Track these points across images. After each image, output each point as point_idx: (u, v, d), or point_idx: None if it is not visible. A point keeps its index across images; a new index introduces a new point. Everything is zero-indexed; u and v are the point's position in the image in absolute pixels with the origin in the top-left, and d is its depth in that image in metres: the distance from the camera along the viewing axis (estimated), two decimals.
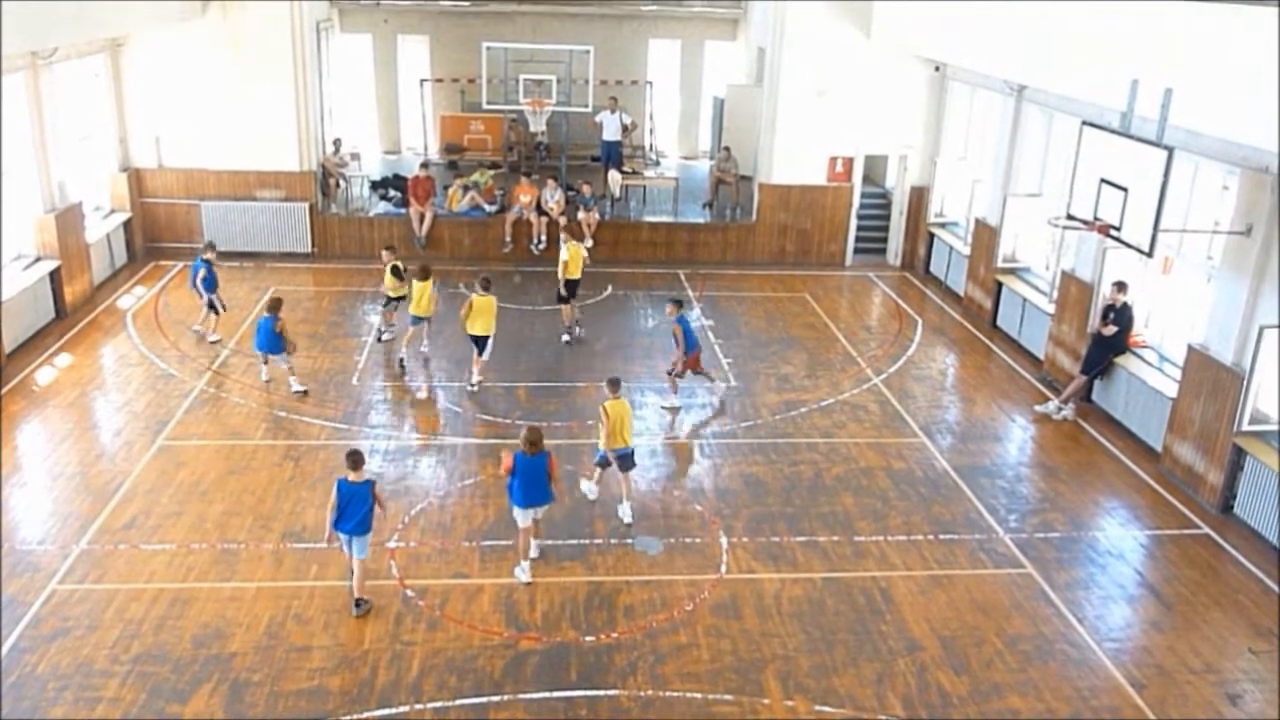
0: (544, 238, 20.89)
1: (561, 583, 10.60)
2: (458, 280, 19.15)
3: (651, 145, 27.69)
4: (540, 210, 20.94)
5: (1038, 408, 15.10)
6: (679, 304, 14.54)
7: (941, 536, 11.76)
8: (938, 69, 20.84)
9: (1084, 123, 13.28)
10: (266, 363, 15.06)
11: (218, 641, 9.49)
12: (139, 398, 14.47)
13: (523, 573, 10.62)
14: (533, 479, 10.39)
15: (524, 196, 20.91)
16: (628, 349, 17.13)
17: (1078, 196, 13.13)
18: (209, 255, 16.48)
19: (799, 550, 11.37)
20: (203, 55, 19.92)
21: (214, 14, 19.74)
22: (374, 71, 27.56)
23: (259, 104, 20.20)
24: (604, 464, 12.02)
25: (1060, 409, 14.89)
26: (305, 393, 14.69)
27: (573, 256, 16.85)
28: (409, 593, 10.32)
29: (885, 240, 22.39)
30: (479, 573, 10.72)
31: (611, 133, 23.44)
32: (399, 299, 16.52)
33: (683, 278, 20.66)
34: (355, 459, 9.91)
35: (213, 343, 16.28)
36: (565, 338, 17.09)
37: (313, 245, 20.85)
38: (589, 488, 12.23)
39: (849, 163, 21.54)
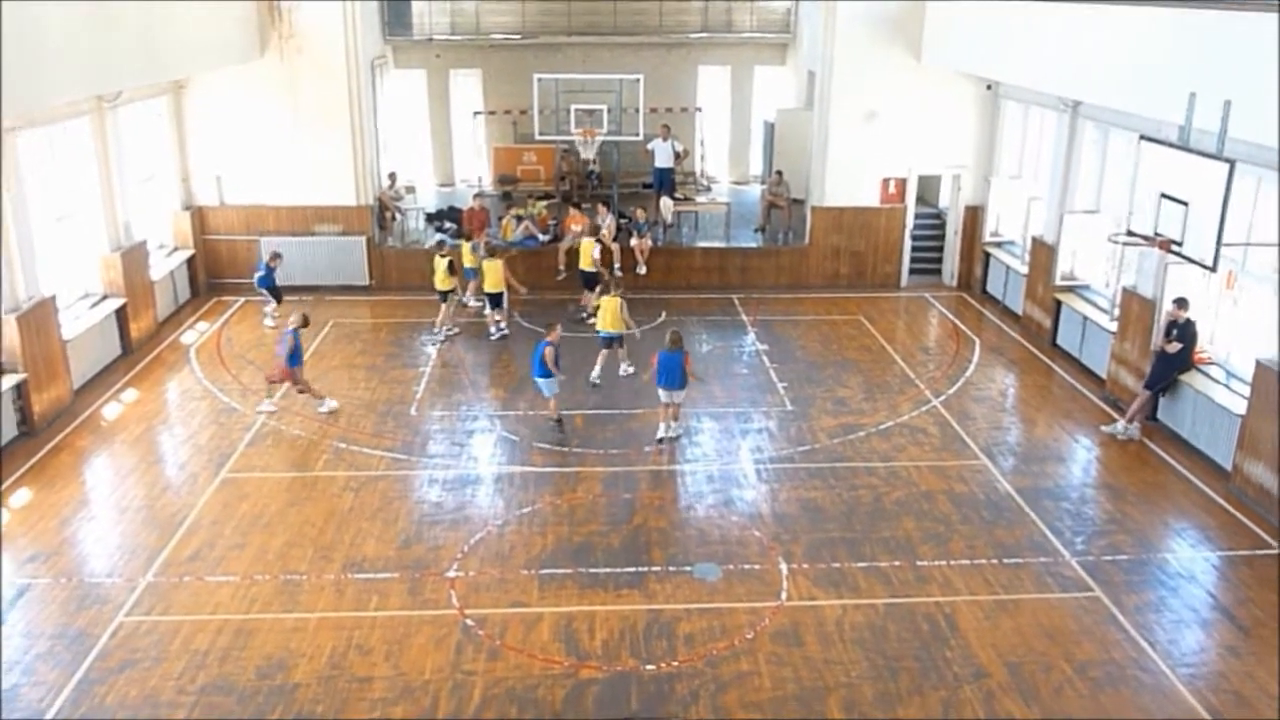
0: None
1: (621, 611, 10.53)
2: (513, 307, 19.23)
3: (703, 171, 27.71)
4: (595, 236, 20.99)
5: (1104, 429, 14.76)
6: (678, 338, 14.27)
7: (1006, 560, 11.51)
8: (989, 87, 20.63)
9: (1142, 137, 13.02)
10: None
11: (281, 672, 9.55)
12: (202, 431, 14.70)
13: (663, 429, 14.08)
14: (669, 369, 13.76)
15: (575, 225, 21.02)
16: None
17: (1137, 212, 12.86)
18: (273, 262, 18.54)
19: (860, 576, 11.19)
20: (261, 95, 20.35)
21: (272, 55, 20.17)
22: (428, 105, 27.95)
23: (316, 141, 20.57)
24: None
25: (1126, 428, 14.54)
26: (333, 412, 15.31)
27: (583, 249, 18.84)
28: (469, 622, 10.32)
29: (940, 261, 22.14)
30: (538, 601, 10.69)
31: (663, 160, 23.51)
32: (449, 292, 18.35)
33: (736, 302, 20.59)
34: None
35: (271, 328, 18.29)
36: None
37: (370, 278, 21.12)
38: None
39: (902, 184, 21.37)
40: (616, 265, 20.26)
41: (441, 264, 18.16)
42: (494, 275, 18.12)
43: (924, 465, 13.81)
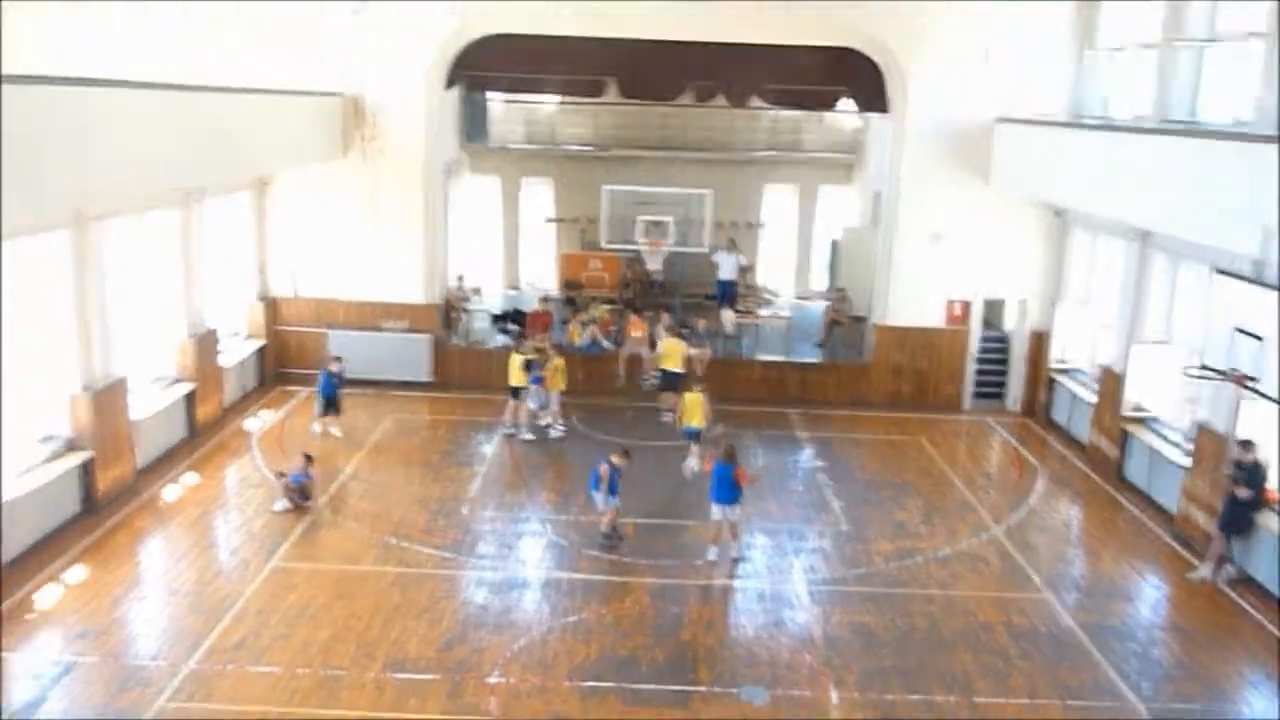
0: (657, 373, 20.97)
1: None
2: (569, 412, 19.26)
3: (765, 285, 27.86)
4: (653, 346, 21.09)
5: (1189, 575, 14.11)
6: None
7: (1069, 702, 10.99)
8: (1058, 214, 20.59)
9: (1215, 270, 12.85)
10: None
11: None
12: (256, 519, 14.78)
13: (713, 552, 13.76)
14: (721, 481, 13.47)
15: (635, 333, 21.15)
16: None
17: (1210, 345, 12.61)
18: (333, 367, 18.17)
19: (914, 709, 10.75)
20: (340, 192, 20.96)
21: (353, 155, 20.85)
22: (500, 210, 28.61)
23: (389, 239, 21.08)
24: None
25: (1216, 572, 13.88)
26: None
27: (669, 350, 19.00)
28: None
29: (1004, 385, 21.81)
30: (579, 713, 10.41)
31: (727, 272, 23.73)
32: (521, 388, 18.23)
33: (793, 417, 20.41)
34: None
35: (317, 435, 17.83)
36: (665, 418, 18.91)
37: (433, 374, 21.35)
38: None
39: (966, 306, 21.25)
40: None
41: (517, 360, 18.23)
42: (557, 375, 18.38)
43: (983, 595, 13.37)
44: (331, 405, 18.16)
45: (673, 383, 18.82)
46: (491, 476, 16.82)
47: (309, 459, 15.54)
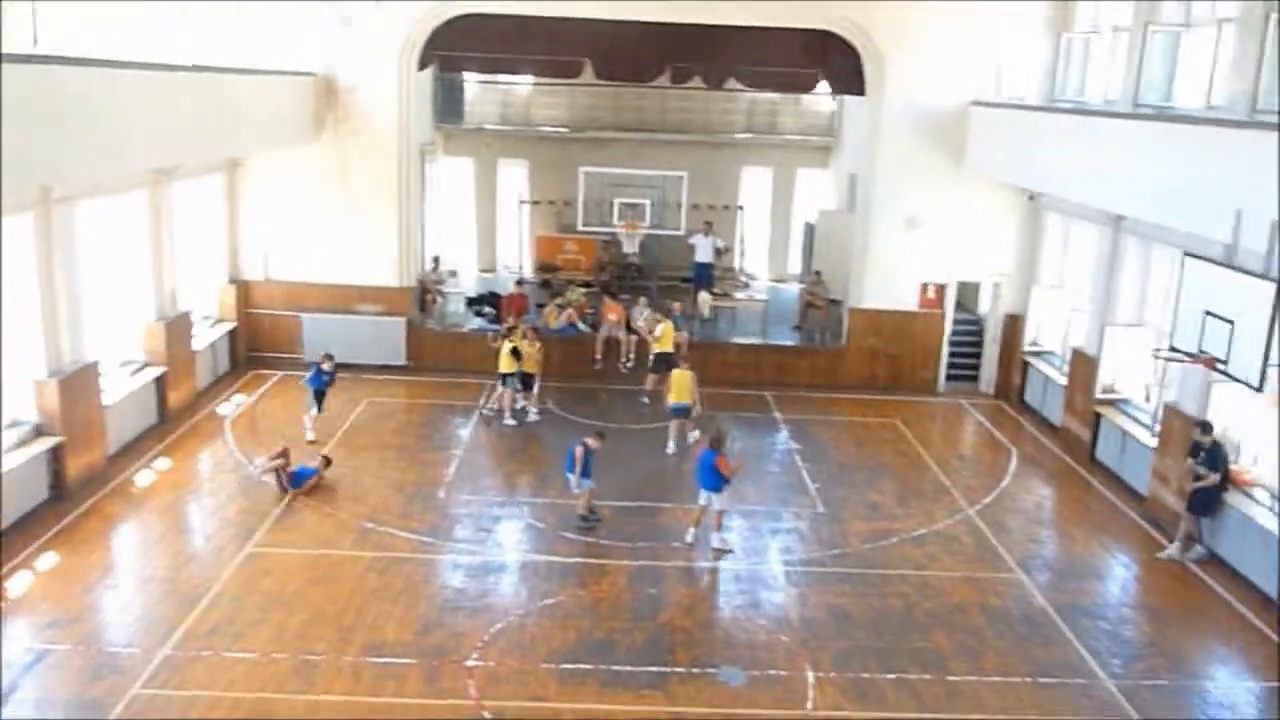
0: (633, 356, 21.02)
1: (641, 712, 10.26)
2: (545, 396, 19.22)
3: (742, 268, 27.93)
4: (630, 329, 21.11)
5: (1159, 555, 14.30)
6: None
7: (1041, 680, 11.14)
8: (1031, 198, 20.72)
9: (1185, 254, 12.99)
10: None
11: None
12: (230, 504, 14.70)
13: (690, 534, 13.83)
14: (703, 466, 13.51)
15: (612, 315, 21.15)
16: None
17: (1181, 328, 12.75)
18: (325, 365, 17.33)
19: (889, 688, 10.86)
20: (313, 174, 20.79)
21: (326, 137, 20.68)
22: (474, 192, 28.47)
23: (363, 222, 20.95)
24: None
25: (1185, 552, 14.08)
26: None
27: (665, 332, 19.06)
28: (486, 715, 10.09)
29: (978, 368, 21.97)
30: (557, 697, 10.45)
31: (703, 255, 23.76)
32: (510, 375, 18.09)
33: (770, 400, 20.50)
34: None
35: (309, 442, 16.65)
36: (643, 399, 19.13)
37: (408, 358, 21.26)
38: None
39: (941, 289, 21.37)
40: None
41: (505, 347, 18.17)
42: (532, 359, 18.34)
43: (957, 576, 13.51)
44: (319, 402, 17.34)
45: (665, 364, 18.83)
46: (468, 460, 16.80)
47: (327, 462, 15.64)
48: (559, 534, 14.17)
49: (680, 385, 17.24)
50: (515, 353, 18.06)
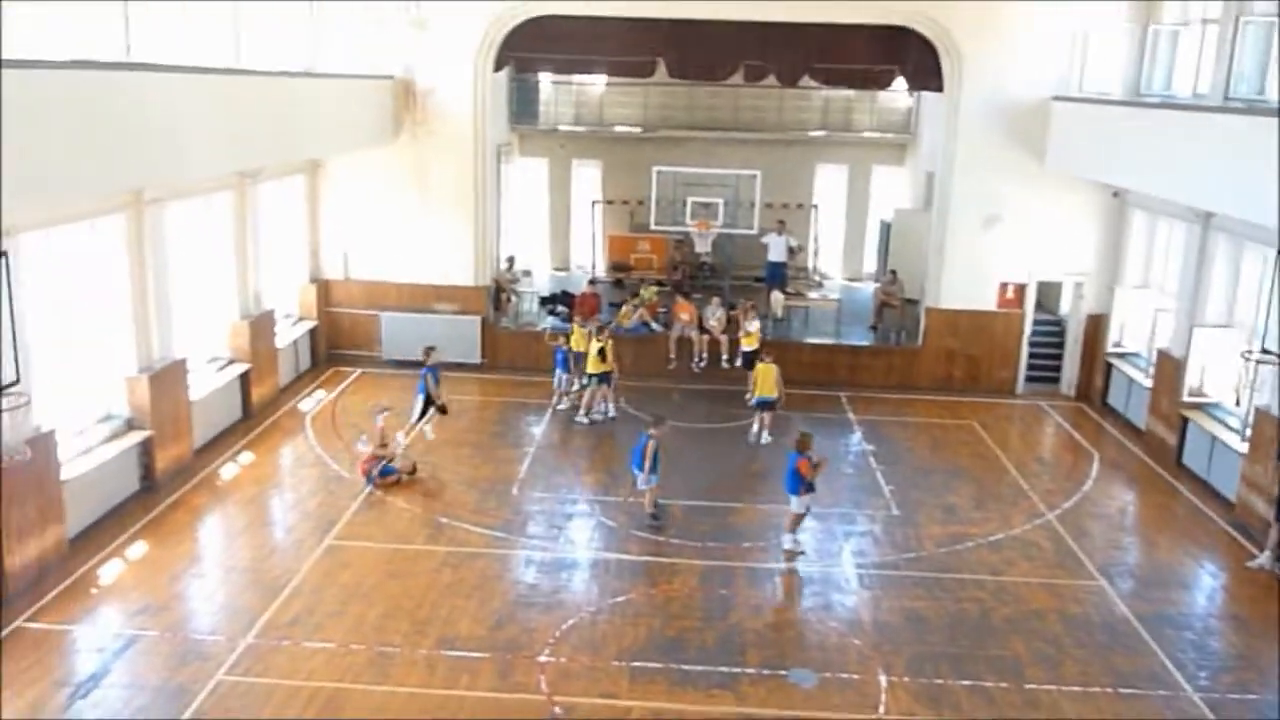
0: (705, 356, 21.00)
1: (711, 712, 10.28)
2: (620, 394, 19.29)
3: (815, 267, 27.73)
4: (702, 329, 21.10)
5: (1249, 564, 13.87)
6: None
7: (1122, 690, 10.90)
8: (1116, 195, 20.23)
9: (1279, 252, 12.58)
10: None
11: None
12: (311, 498, 15.04)
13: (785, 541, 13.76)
14: (788, 469, 13.59)
15: (684, 314, 21.15)
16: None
17: (1273, 329, 12.35)
18: (428, 358, 17.37)
19: (964, 695, 10.72)
20: (391, 175, 21.17)
21: (405, 138, 21.04)
22: (548, 192, 28.69)
23: (440, 222, 21.28)
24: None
25: (1275, 560, 13.61)
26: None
27: (755, 331, 19.29)
28: (557, 710, 10.19)
29: (1059, 369, 21.52)
30: (628, 694, 10.51)
31: (777, 254, 23.65)
32: (605, 375, 18.22)
33: (844, 400, 20.32)
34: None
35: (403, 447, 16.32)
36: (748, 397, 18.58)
37: (482, 356, 21.52)
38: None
39: (1020, 289, 20.98)
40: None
41: (594, 348, 18.24)
42: (594, 358, 18.38)
43: (1035, 582, 13.26)
44: (429, 404, 17.05)
45: (751, 361, 18.89)
46: (540, 458, 16.95)
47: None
48: (630, 532, 14.23)
49: (765, 379, 17.58)
50: (602, 353, 18.16)
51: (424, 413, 17.15)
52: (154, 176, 13.44)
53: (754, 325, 19.67)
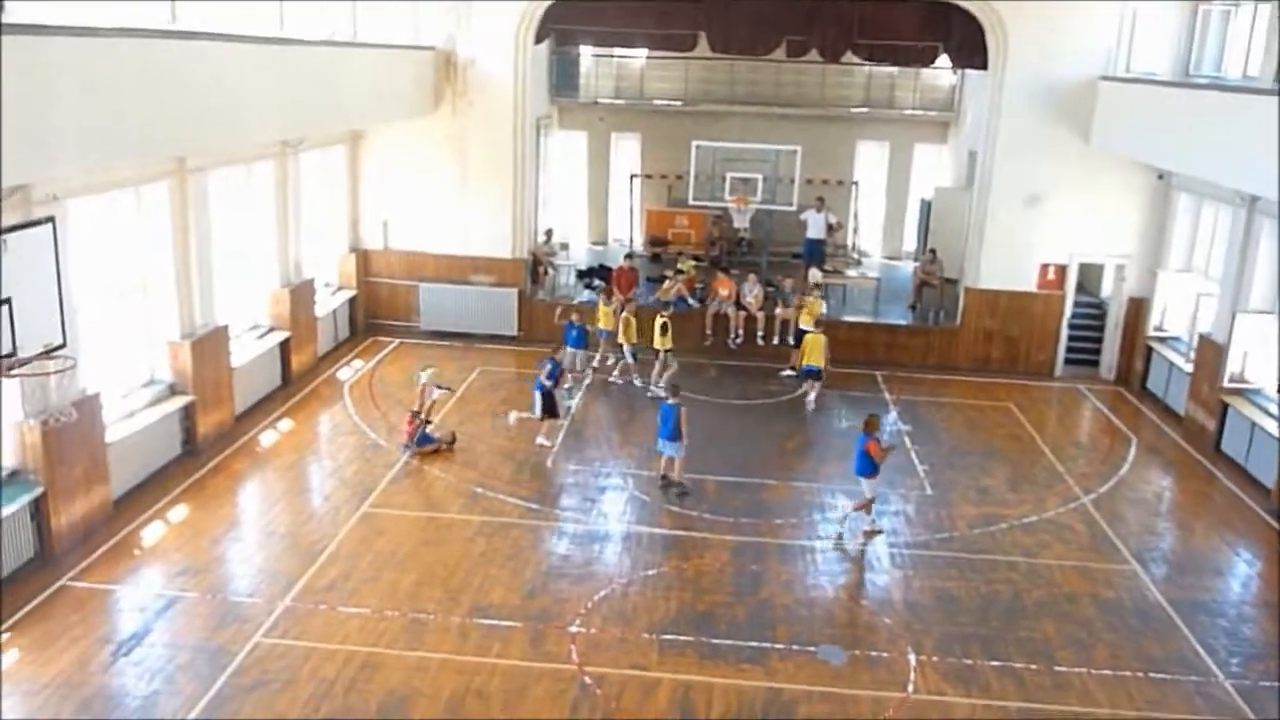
0: (741, 332, 20.98)
1: (740, 686, 10.35)
2: (651, 370, 19.33)
3: (854, 245, 27.56)
4: (739, 305, 21.07)
5: None
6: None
7: (1153, 675, 10.86)
8: (1161, 176, 19.91)
9: None
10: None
11: (401, 709, 9.74)
12: (348, 465, 15.24)
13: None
14: (858, 451, 13.54)
15: (723, 290, 21.14)
16: (821, 448, 16.89)
17: None
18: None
19: (993, 676, 10.72)
20: (431, 147, 21.26)
21: (445, 110, 21.09)
22: (587, 166, 28.68)
23: (479, 194, 21.36)
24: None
25: None
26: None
27: (811, 308, 19.30)
28: (587, 680, 10.32)
29: (1098, 352, 21.31)
30: (657, 666, 10.61)
31: (815, 231, 23.53)
32: (668, 351, 18.45)
33: (880, 379, 20.25)
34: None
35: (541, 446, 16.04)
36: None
37: (519, 328, 21.63)
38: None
39: (1061, 270, 20.76)
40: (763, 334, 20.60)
41: (656, 324, 18.41)
42: (629, 328, 18.67)
43: (1069, 565, 13.20)
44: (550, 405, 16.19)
45: (800, 338, 19.10)
46: (575, 431, 17.05)
47: (453, 437, 16.00)
48: (663, 506, 14.31)
49: (813, 348, 18.11)
50: (665, 328, 18.36)
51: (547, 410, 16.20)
52: (199, 144, 13.59)
53: (813, 301, 19.68)
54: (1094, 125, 19.70)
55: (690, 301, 21.66)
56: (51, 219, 9.65)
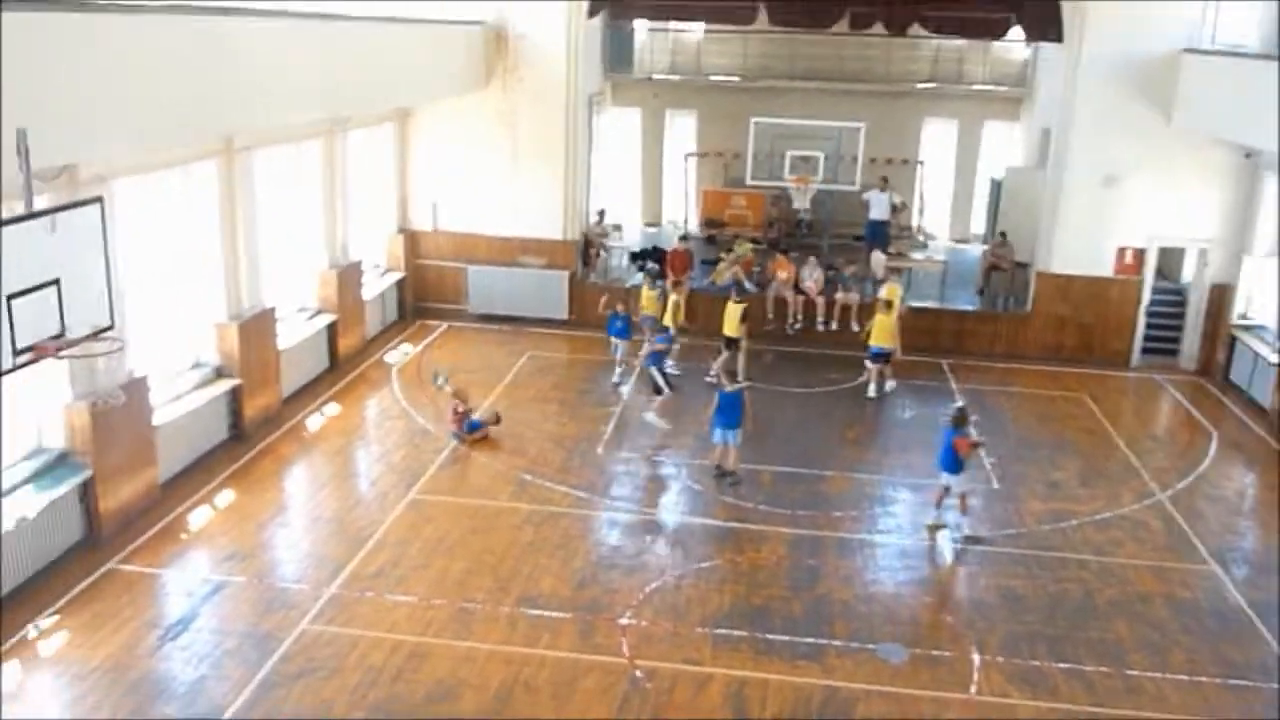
0: (801, 317, 20.90)
1: (796, 683, 10.38)
2: (704, 357, 19.33)
3: (920, 227, 27.31)
4: (799, 289, 20.99)
5: None
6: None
7: (1232, 681, 10.69)
8: (1248, 156, 19.46)
9: None
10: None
11: (449, 700, 9.89)
12: (396, 451, 15.46)
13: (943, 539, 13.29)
14: (944, 447, 13.37)
15: (781, 273, 21.05)
16: (884, 439, 16.81)
17: None
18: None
19: (1061, 678, 10.63)
20: (481, 125, 21.37)
21: (495, 87, 21.21)
22: (641, 144, 28.69)
23: (530, 173, 21.45)
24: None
25: None
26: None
27: (891, 294, 18.88)
28: (638, 673, 10.40)
29: (1178, 341, 20.91)
30: (710, 661, 10.67)
31: (879, 212, 23.32)
32: (736, 339, 17.88)
33: (945, 368, 20.07)
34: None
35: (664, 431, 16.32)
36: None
37: (570, 312, 21.74)
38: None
39: (1139, 254, 20.39)
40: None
41: (735, 310, 18.21)
42: (733, 319, 18.22)
43: (1143, 564, 13.02)
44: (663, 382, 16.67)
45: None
46: (627, 418, 17.12)
47: (497, 418, 16.20)
48: (717, 497, 14.34)
49: (882, 329, 17.92)
50: (745, 316, 18.19)
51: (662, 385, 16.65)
52: (245, 122, 13.82)
53: (883, 290, 19.43)
54: (1176, 101, 19.28)
55: (747, 285, 21.56)
56: (99, 199, 9.84)
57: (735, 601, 11.76)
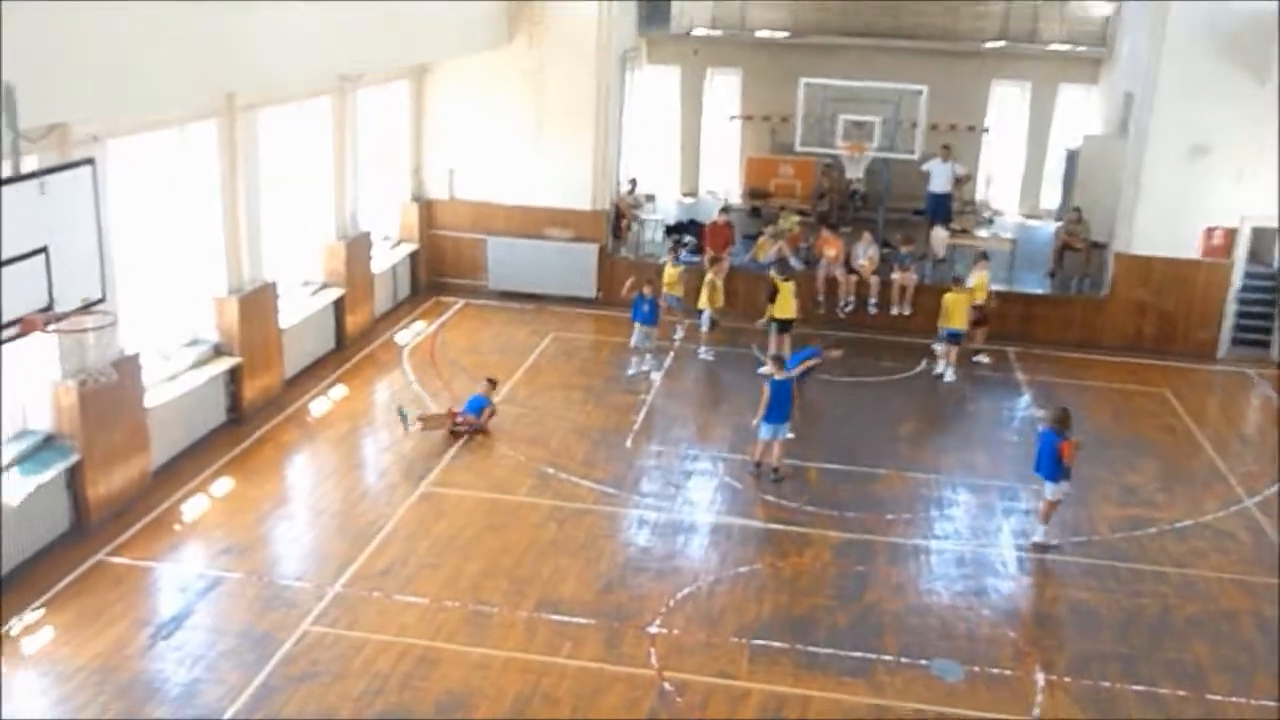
0: (853, 299, 20.82)
1: (841, 701, 10.39)
2: (748, 340, 19.33)
3: (985, 201, 27.09)
4: (850, 268, 20.89)
5: None
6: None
7: None
8: None
9: None
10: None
11: (461, 710, 9.98)
12: (406, 439, 15.53)
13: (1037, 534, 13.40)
14: (1041, 451, 13.31)
15: (829, 250, 20.95)
16: (943, 434, 16.74)
17: None
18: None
19: (1134, 701, 10.59)
20: (504, 84, 21.40)
21: (520, 42, 21.21)
22: (679, 107, 28.61)
23: (557, 137, 21.47)
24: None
25: None
26: None
27: (980, 283, 19.13)
28: (667, 686, 10.44)
29: (1271, 332, 20.70)
30: (748, 675, 10.69)
31: (940, 184, 23.17)
32: (789, 321, 18.34)
33: (1011, 356, 19.95)
34: None
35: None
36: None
37: (598, 290, 21.75)
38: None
39: (1229, 235, 20.17)
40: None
41: (787, 289, 18.28)
42: (785, 301, 18.39)
43: (1227, 578, 12.93)
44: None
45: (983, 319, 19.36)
46: (659, 407, 17.16)
47: (492, 384, 16.33)
48: (758, 495, 14.36)
49: (956, 308, 18.39)
50: (773, 296, 18.35)
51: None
52: (249, 77, 13.87)
53: (972, 278, 19.36)
54: (1273, 64, 19.02)
55: (792, 262, 21.43)
56: (91, 160, 9.94)
57: (775, 610, 11.78)
